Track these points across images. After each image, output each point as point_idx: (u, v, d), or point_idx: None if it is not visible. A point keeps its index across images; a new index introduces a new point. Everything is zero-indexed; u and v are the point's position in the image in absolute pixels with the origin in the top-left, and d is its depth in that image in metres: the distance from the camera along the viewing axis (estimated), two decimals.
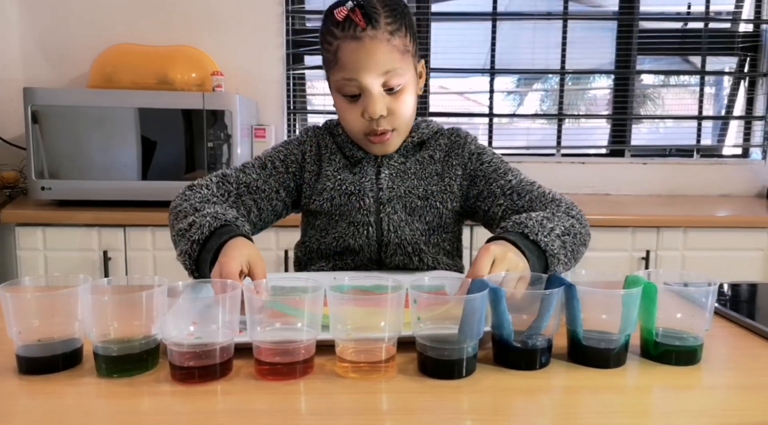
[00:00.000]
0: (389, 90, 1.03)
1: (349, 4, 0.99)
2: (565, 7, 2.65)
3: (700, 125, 2.76)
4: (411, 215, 1.11)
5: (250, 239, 0.95)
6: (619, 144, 2.75)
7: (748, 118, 2.75)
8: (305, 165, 1.14)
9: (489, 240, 0.93)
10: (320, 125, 1.19)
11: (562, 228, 0.96)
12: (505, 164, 1.14)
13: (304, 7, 2.61)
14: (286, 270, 1.99)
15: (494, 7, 2.64)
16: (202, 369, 0.68)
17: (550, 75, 2.77)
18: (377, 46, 1.00)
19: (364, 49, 0.99)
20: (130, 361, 0.70)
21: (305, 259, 1.18)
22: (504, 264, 0.82)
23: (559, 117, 2.74)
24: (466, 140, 1.15)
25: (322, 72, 2.59)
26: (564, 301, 0.74)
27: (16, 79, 2.42)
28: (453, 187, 1.12)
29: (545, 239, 0.92)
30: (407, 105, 1.06)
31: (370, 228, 1.10)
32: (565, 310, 0.75)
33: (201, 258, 0.94)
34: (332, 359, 0.73)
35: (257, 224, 1.13)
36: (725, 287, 1.13)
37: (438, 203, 1.11)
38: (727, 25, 2.75)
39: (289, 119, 2.62)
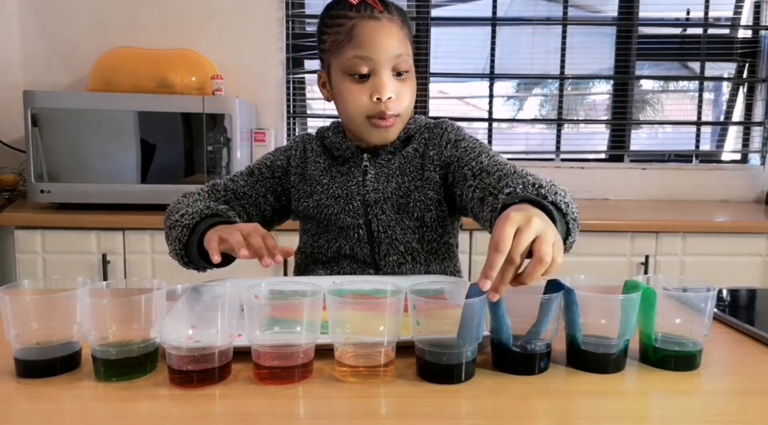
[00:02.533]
0: (398, 74, 1.05)
1: None
2: (565, 13, 2.66)
3: (699, 130, 2.77)
4: (399, 214, 1.10)
5: None
6: (618, 149, 2.75)
7: (747, 123, 2.76)
8: (290, 169, 1.16)
9: (503, 207, 0.81)
10: (312, 132, 1.21)
11: (567, 193, 0.89)
12: (482, 146, 1.08)
13: (304, 12, 2.62)
14: (285, 274, 1.99)
15: (494, 12, 2.65)
16: (201, 372, 0.68)
17: (550, 80, 2.78)
18: (393, 29, 1.03)
19: (382, 29, 1.02)
20: (129, 365, 0.70)
21: (303, 265, 1.19)
22: (529, 232, 0.68)
23: (559, 122, 2.75)
24: (446, 130, 1.12)
25: None
26: (563, 306, 0.74)
27: (16, 82, 2.42)
28: (434, 177, 1.10)
29: (565, 200, 0.86)
30: (411, 93, 1.08)
31: (360, 230, 1.10)
32: (564, 315, 0.75)
33: (190, 241, 0.99)
34: (331, 363, 0.73)
35: None
36: (724, 292, 1.13)
37: (422, 197, 1.10)
38: (726, 31, 2.76)
39: (288, 123, 2.63)
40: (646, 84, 2.87)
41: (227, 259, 0.94)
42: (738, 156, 2.81)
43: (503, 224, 0.69)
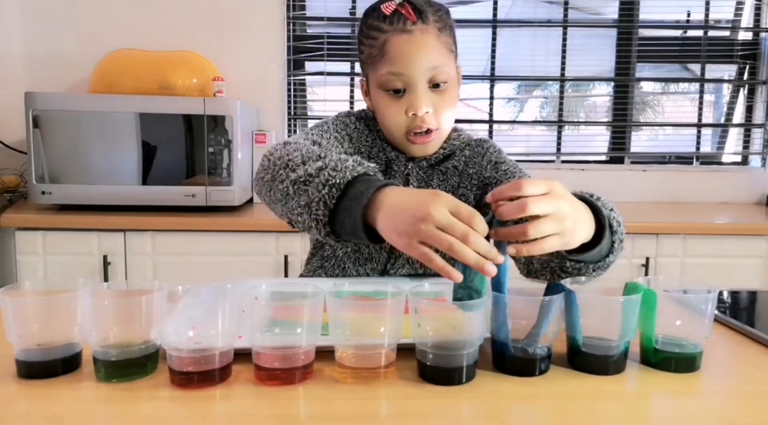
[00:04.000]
0: (435, 86, 1.01)
1: None
2: (565, 15, 2.67)
3: (699, 132, 2.77)
4: None
5: None
6: (618, 151, 2.75)
7: (748, 125, 2.76)
8: (349, 149, 1.09)
9: None
10: (353, 112, 1.14)
11: (620, 214, 0.88)
12: (522, 171, 1.09)
13: (305, 14, 2.62)
14: (286, 275, 1.99)
15: (494, 15, 2.65)
16: (202, 374, 0.68)
17: (550, 82, 2.78)
18: (427, 40, 0.99)
19: (415, 42, 0.98)
20: (130, 366, 0.70)
21: (310, 257, 1.17)
22: (553, 202, 0.67)
23: (559, 124, 2.75)
24: (487, 150, 1.12)
25: (322, 78, 2.64)
26: (563, 307, 0.74)
27: (18, 84, 2.43)
28: (469, 196, 1.09)
29: (618, 219, 0.85)
30: (451, 104, 1.04)
31: None
32: (565, 316, 0.75)
33: (341, 206, 0.79)
34: (332, 364, 0.73)
35: None
36: (725, 294, 1.13)
37: None
38: (727, 33, 2.76)
39: (289, 125, 2.63)
40: (647, 86, 2.87)
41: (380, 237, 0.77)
42: (738, 158, 2.81)
43: (540, 180, 0.69)
